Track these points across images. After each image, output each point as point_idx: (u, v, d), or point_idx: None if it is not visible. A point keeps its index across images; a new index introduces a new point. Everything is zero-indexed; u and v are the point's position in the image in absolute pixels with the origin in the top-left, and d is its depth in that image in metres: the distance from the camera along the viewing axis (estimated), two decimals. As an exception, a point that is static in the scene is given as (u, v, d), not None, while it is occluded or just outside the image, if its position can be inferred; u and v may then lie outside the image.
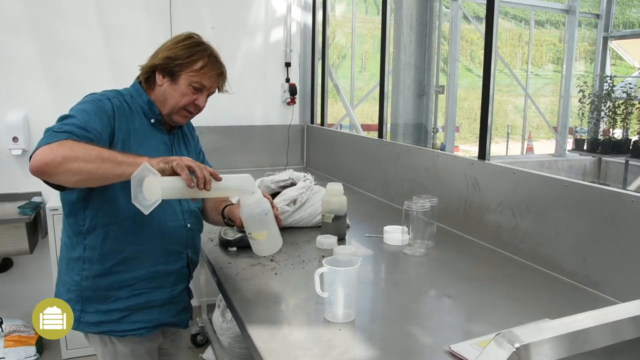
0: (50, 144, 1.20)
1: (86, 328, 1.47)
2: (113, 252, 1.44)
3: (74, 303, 1.45)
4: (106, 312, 1.46)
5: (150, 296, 1.50)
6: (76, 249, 1.45)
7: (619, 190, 1.49)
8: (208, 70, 1.50)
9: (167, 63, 1.48)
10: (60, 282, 1.52)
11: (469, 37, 12.69)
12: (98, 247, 1.43)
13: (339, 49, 10.61)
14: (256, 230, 1.49)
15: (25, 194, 3.08)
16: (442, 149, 4.40)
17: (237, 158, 3.47)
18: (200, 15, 3.41)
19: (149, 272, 1.48)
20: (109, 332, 1.47)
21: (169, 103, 1.51)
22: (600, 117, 5.98)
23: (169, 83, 1.50)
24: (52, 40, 3.07)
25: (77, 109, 1.36)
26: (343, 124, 4.86)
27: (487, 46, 1.98)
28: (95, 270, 1.44)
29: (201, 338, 3.10)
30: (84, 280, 1.45)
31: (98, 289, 1.45)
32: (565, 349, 0.60)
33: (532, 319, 1.28)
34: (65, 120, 1.31)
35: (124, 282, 1.46)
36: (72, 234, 1.47)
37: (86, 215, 1.43)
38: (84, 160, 1.20)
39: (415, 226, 1.83)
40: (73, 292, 1.46)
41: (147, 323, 1.50)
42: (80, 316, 1.46)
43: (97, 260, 1.44)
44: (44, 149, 1.19)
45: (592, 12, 7.84)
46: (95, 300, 1.46)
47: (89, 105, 1.37)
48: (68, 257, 1.48)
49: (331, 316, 1.30)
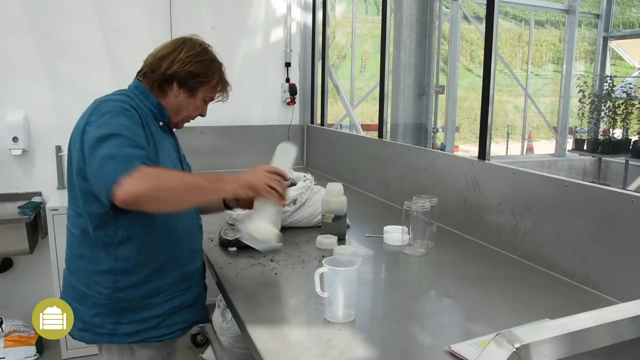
0: (131, 173, 1.19)
1: (124, 340, 1.44)
2: (149, 261, 1.43)
3: (104, 317, 1.41)
4: (142, 320, 1.44)
5: (183, 298, 1.51)
6: (104, 261, 1.40)
7: (619, 190, 1.49)
8: (220, 88, 1.59)
9: (188, 78, 1.50)
10: (78, 298, 1.44)
11: (469, 37, 12.69)
12: (134, 257, 1.40)
13: (339, 49, 10.61)
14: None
15: (25, 194, 3.08)
16: (442, 149, 4.40)
17: (237, 158, 3.47)
18: (200, 15, 3.41)
19: (180, 275, 1.50)
20: (147, 339, 1.45)
21: (183, 113, 1.56)
22: (600, 117, 5.98)
23: (185, 96, 1.53)
24: (52, 41, 3.07)
25: (118, 124, 1.30)
26: (343, 124, 4.86)
27: (487, 46, 1.98)
28: (130, 280, 1.41)
29: (201, 338, 3.10)
30: (116, 292, 1.41)
31: (133, 299, 1.42)
32: (565, 349, 0.60)
33: (532, 319, 1.28)
34: (117, 141, 1.26)
35: (158, 288, 1.45)
36: (97, 247, 1.40)
37: (118, 226, 1.38)
38: (174, 191, 1.25)
39: (415, 226, 1.83)
40: (102, 306, 1.41)
41: (182, 324, 1.52)
42: (115, 329, 1.42)
43: (133, 271, 1.41)
44: (131, 181, 1.18)
45: (592, 12, 7.85)
46: (131, 311, 1.43)
47: (126, 119, 1.33)
48: (90, 271, 1.42)
49: (331, 316, 1.30)
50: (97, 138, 1.27)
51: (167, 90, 1.52)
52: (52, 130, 3.10)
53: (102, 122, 1.31)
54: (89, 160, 1.27)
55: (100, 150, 1.25)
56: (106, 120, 1.31)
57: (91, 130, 1.30)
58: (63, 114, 3.11)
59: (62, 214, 2.76)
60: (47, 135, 3.09)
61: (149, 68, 1.51)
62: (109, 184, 1.18)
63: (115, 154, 1.23)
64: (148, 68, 1.52)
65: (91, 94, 2.58)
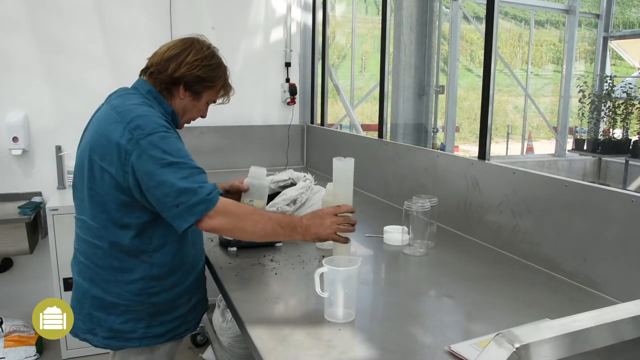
0: (216, 209, 1.33)
1: (154, 341, 1.49)
2: (180, 265, 1.50)
3: (135, 322, 1.45)
4: (171, 320, 1.51)
5: (199, 295, 1.63)
6: (138, 269, 1.43)
7: (619, 190, 1.49)
8: (223, 92, 1.62)
9: (195, 82, 1.51)
10: (105, 308, 1.45)
11: (469, 37, 12.70)
12: (168, 263, 1.47)
13: (339, 49, 10.61)
14: (258, 198, 1.73)
15: (25, 194, 3.08)
16: (442, 149, 4.39)
17: (237, 158, 3.47)
18: (200, 15, 3.41)
19: (197, 274, 1.61)
20: (173, 337, 1.53)
21: (187, 115, 1.59)
22: (600, 117, 5.98)
23: (190, 99, 1.55)
24: (52, 41, 3.07)
25: (173, 148, 1.35)
26: (343, 124, 4.86)
27: (487, 46, 1.98)
28: (163, 285, 1.47)
29: (201, 338, 3.10)
30: (150, 297, 1.45)
31: (165, 302, 1.48)
32: (565, 349, 0.60)
33: (532, 319, 1.28)
34: (184, 171, 1.33)
35: (185, 290, 1.54)
36: (131, 256, 1.42)
37: (154, 234, 1.43)
38: (252, 234, 1.41)
39: (415, 226, 1.83)
40: (134, 312, 1.45)
41: (197, 317, 1.63)
42: (147, 332, 1.46)
43: (166, 276, 1.47)
44: (217, 218, 1.33)
45: (592, 12, 7.84)
46: (162, 313, 1.49)
47: (178, 142, 1.40)
48: (121, 281, 1.43)
49: (331, 316, 1.30)
50: (155, 162, 1.31)
51: (174, 92, 1.52)
52: (52, 130, 3.10)
53: (151, 143, 1.33)
54: (148, 182, 1.32)
55: (165, 176, 1.30)
56: (156, 142, 1.33)
57: (139, 149, 1.32)
58: (63, 114, 3.12)
59: (62, 214, 2.76)
60: (47, 135, 3.10)
61: (155, 68, 1.50)
62: (196, 216, 1.31)
63: (191, 187, 1.31)
64: (154, 68, 1.50)
65: (91, 93, 2.60)
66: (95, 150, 1.39)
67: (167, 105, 1.52)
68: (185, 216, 1.31)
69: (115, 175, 1.35)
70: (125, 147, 1.32)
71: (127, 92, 1.51)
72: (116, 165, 1.34)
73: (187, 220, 1.31)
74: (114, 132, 1.35)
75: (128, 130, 1.34)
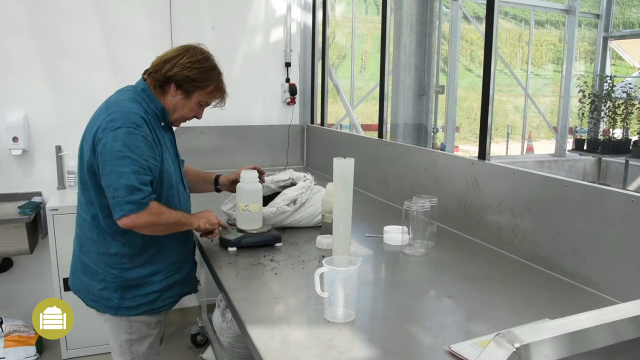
0: (139, 213, 1.48)
1: (126, 312, 1.65)
2: (151, 245, 1.64)
3: (111, 292, 1.63)
4: (144, 295, 1.66)
5: (177, 276, 1.74)
6: (112, 245, 1.61)
7: (619, 190, 1.49)
8: (216, 93, 1.73)
9: (185, 81, 1.65)
10: (88, 273, 1.65)
11: (469, 37, 12.69)
12: (139, 243, 1.61)
13: (339, 49, 10.61)
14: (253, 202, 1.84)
15: (25, 194, 3.08)
16: (442, 149, 4.40)
17: (237, 158, 3.47)
18: (200, 15, 3.41)
19: (176, 256, 1.72)
20: (146, 312, 1.68)
21: (177, 113, 1.71)
22: (600, 117, 5.98)
23: (181, 97, 1.68)
24: (52, 41, 3.07)
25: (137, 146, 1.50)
26: (343, 124, 4.86)
27: (487, 46, 1.99)
28: (135, 263, 1.63)
29: (201, 338, 3.10)
30: (122, 272, 1.62)
31: (137, 278, 1.64)
32: (565, 349, 0.60)
33: (532, 319, 1.28)
34: (132, 166, 1.47)
35: (158, 269, 1.67)
36: (106, 233, 1.60)
37: None
38: (163, 228, 1.59)
39: (415, 226, 1.83)
40: (111, 282, 1.63)
41: (174, 297, 1.75)
42: (120, 303, 1.64)
43: (137, 255, 1.62)
44: (136, 217, 1.48)
45: (592, 12, 7.85)
46: (134, 288, 1.64)
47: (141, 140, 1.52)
48: (99, 252, 1.62)
49: (331, 316, 1.30)
50: (112, 152, 1.48)
51: (167, 90, 1.67)
52: (52, 130, 3.10)
53: (116, 136, 1.49)
54: (103, 168, 1.49)
55: (115, 167, 1.47)
56: (121, 135, 1.49)
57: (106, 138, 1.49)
58: (63, 114, 3.12)
59: (62, 214, 2.76)
60: (47, 135, 3.10)
61: (153, 69, 1.67)
62: (122, 212, 1.47)
63: (132, 185, 1.47)
64: (152, 69, 1.67)
65: (91, 94, 2.61)
66: (84, 136, 1.60)
67: (158, 102, 1.66)
68: (115, 210, 1.48)
69: (89, 159, 1.54)
70: (99, 135, 1.51)
71: (125, 89, 1.69)
72: (90, 150, 1.53)
73: (116, 214, 1.48)
74: (97, 122, 1.55)
75: (105, 121, 1.52)
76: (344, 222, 1.62)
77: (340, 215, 1.61)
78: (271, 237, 1.89)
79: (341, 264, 1.28)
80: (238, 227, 1.89)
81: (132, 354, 1.73)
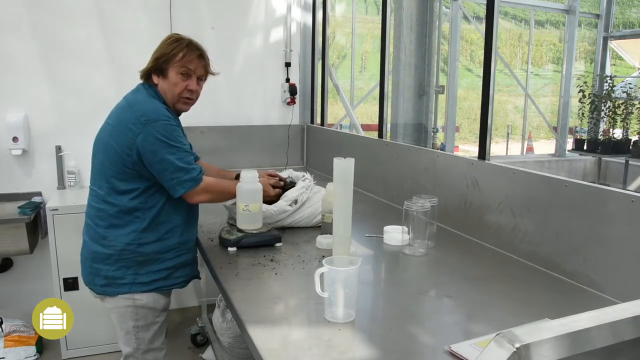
0: (199, 186, 1.73)
1: (140, 288, 1.75)
2: (166, 221, 1.76)
3: (125, 270, 1.73)
4: (156, 272, 1.77)
5: (186, 256, 1.85)
6: (132, 224, 1.72)
7: (619, 190, 1.49)
8: (189, 56, 1.77)
9: (156, 63, 1.76)
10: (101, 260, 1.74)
11: (469, 37, 12.69)
12: (156, 218, 1.74)
13: (339, 49, 10.61)
14: (253, 203, 1.86)
15: (25, 194, 3.08)
16: (442, 149, 4.40)
17: (237, 158, 3.46)
18: (200, 15, 3.41)
19: (187, 238, 1.84)
20: (159, 288, 1.78)
21: (168, 95, 1.79)
22: (600, 117, 5.98)
23: (162, 79, 1.78)
24: (52, 41, 3.07)
25: (176, 136, 1.70)
26: (343, 124, 4.86)
27: (487, 46, 1.98)
28: (150, 237, 1.74)
29: (201, 338, 3.10)
30: (139, 247, 1.73)
31: (151, 253, 1.75)
32: (565, 349, 0.60)
33: (532, 319, 1.28)
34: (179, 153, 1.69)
35: (171, 246, 1.78)
36: (129, 214, 1.72)
37: (150, 195, 1.72)
38: (220, 198, 1.87)
39: (415, 226, 1.83)
40: (125, 260, 1.73)
41: (185, 277, 1.87)
42: (134, 279, 1.74)
43: (153, 229, 1.74)
44: (199, 193, 1.74)
45: (592, 12, 7.86)
46: (148, 263, 1.75)
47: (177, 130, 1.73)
48: (119, 234, 1.72)
49: (331, 316, 1.30)
50: (158, 142, 1.65)
51: (153, 84, 1.79)
52: (52, 130, 3.10)
53: (156, 128, 1.66)
54: (152, 157, 1.66)
55: (165, 155, 1.66)
56: (160, 127, 1.66)
57: (147, 132, 1.64)
58: (63, 114, 3.12)
59: (62, 214, 2.76)
60: (47, 135, 3.09)
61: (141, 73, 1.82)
62: (185, 189, 1.70)
63: (184, 167, 1.69)
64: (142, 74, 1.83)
65: (91, 94, 2.60)
66: (110, 132, 1.72)
67: (161, 97, 1.78)
68: (177, 188, 1.70)
69: (121, 152, 1.67)
70: (133, 130, 1.65)
71: (137, 90, 1.81)
72: (122, 144, 1.66)
73: (178, 192, 1.70)
74: (125, 118, 1.69)
75: (136, 116, 1.66)
76: (344, 222, 1.62)
77: (340, 215, 1.61)
78: (271, 237, 1.89)
79: (341, 264, 1.28)
80: (238, 227, 1.89)
81: (138, 341, 1.79)
